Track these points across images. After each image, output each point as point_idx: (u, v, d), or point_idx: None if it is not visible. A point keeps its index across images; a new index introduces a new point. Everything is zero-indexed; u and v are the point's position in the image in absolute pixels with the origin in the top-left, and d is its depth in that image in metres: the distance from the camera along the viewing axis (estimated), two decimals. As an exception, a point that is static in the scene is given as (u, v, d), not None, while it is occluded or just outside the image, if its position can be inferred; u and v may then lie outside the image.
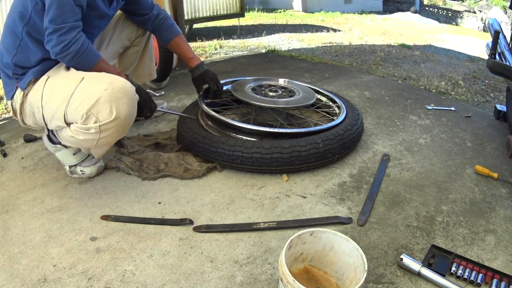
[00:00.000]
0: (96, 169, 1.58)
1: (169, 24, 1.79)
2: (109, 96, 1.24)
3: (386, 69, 3.61)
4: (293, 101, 1.82)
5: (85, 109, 1.25)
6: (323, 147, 1.56)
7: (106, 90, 1.24)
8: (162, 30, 1.78)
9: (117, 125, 1.28)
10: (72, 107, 1.27)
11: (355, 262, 0.97)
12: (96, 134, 1.28)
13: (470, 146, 1.95)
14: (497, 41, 1.77)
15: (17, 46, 1.34)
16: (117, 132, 1.32)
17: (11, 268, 1.12)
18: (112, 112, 1.24)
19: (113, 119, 1.25)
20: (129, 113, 1.29)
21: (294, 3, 9.38)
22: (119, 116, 1.26)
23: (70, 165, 1.57)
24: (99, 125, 1.26)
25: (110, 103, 1.24)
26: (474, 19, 10.96)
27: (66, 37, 1.25)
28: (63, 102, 1.28)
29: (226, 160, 1.56)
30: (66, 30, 1.24)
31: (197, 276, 1.11)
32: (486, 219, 1.39)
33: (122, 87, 1.27)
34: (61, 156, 1.55)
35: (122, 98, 1.26)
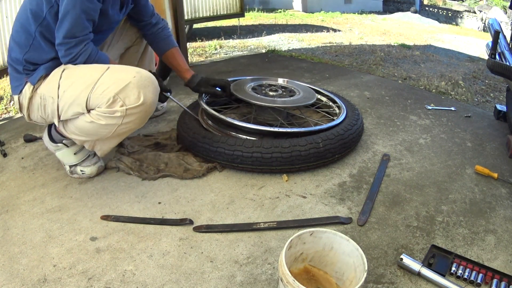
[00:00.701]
0: (96, 169, 1.58)
1: (166, 35, 1.80)
2: (137, 83, 1.30)
3: (386, 69, 3.62)
4: (293, 100, 1.82)
5: (112, 93, 1.29)
6: (323, 146, 1.56)
7: (135, 77, 1.30)
8: (159, 39, 1.79)
9: (142, 111, 1.33)
10: (97, 92, 1.30)
11: (355, 262, 0.97)
12: (120, 119, 1.32)
13: (470, 146, 1.95)
14: (497, 41, 1.77)
15: (30, 44, 1.36)
16: (140, 119, 1.36)
17: (11, 268, 1.12)
18: (140, 98, 1.30)
19: (140, 104, 1.30)
20: (153, 100, 1.36)
21: (294, 3, 9.38)
22: (146, 102, 1.32)
23: (70, 165, 1.57)
24: (125, 108, 1.30)
25: (138, 89, 1.30)
26: (474, 19, 10.96)
27: (73, 50, 1.32)
28: (87, 88, 1.31)
29: (226, 160, 1.56)
30: (74, 44, 1.31)
31: (197, 276, 1.11)
32: (486, 219, 1.39)
33: (149, 76, 1.35)
34: (62, 155, 1.55)
35: (149, 86, 1.33)
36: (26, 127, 2.09)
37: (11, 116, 2.36)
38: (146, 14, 1.73)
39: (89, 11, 1.30)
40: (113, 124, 1.34)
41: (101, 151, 1.50)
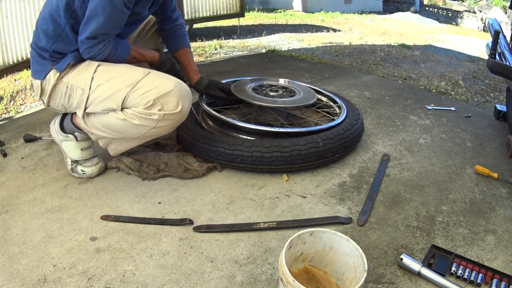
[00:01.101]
0: (97, 170, 1.58)
1: (182, 33, 1.81)
2: (178, 92, 1.35)
3: (386, 69, 3.62)
4: (293, 100, 1.82)
5: (153, 96, 1.32)
6: (323, 146, 1.57)
7: (176, 87, 1.36)
8: (174, 36, 1.79)
9: (177, 118, 1.38)
10: (137, 92, 1.33)
11: (355, 262, 0.97)
12: (155, 122, 1.35)
13: (470, 146, 1.95)
14: (497, 41, 1.77)
15: (58, 35, 1.36)
16: (171, 126, 1.41)
17: (11, 268, 1.12)
18: (178, 106, 1.35)
19: (178, 111, 1.35)
20: (188, 110, 1.41)
21: (294, 3, 9.39)
22: (182, 111, 1.37)
23: (72, 160, 1.56)
24: (163, 113, 1.34)
25: (178, 98, 1.35)
26: (474, 19, 10.97)
27: (93, 49, 1.35)
28: (126, 86, 1.34)
29: (226, 159, 1.56)
30: (94, 44, 1.34)
31: (197, 276, 1.11)
32: (486, 219, 1.39)
33: (187, 89, 1.41)
34: (68, 147, 1.54)
35: (187, 97, 1.39)
36: (26, 127, 2.09)
37: (11, 116, 2.36)
38: (168, 8, 1.74)
39: (116, 19, 1.32)
40: (146, 126, 1.36)
41: (115, 150, 1.52)
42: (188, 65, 1.82)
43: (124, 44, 1.46)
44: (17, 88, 2.85)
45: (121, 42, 1.44)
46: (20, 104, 2.57)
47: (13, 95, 2.70)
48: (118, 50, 1.41)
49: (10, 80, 3.09)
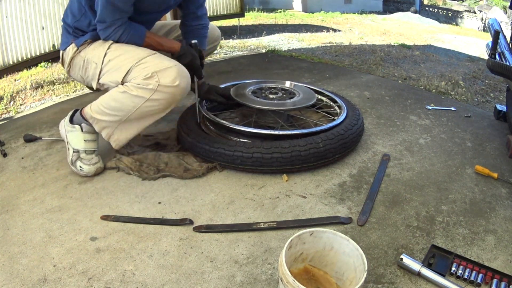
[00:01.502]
0: (94, 169, 1.58)
1: (203, 34, 1.83)
2: (177, 70, 1.43)
3: (386, 69, 3.61)
4: (293, 102, 1.82)
5: (152, 69, 1.42)
6: (323, 146, 1.57)
7: (176, 66, 1.44)
8: (194, 35, 1.79)
9: (172, 92, 1.43)
10: (140, 66, 1.44)
11: (355, 262, 0.97)
12: (150, 92, 1.42)
13: (470, 146, 1.95)
14: (497, 41, 1.77)
15: (82, 14, 1.52)
16: (166, 101, 1.45)
17: (11, 268, 1.12)
18: (175, 81, 1.42)
19: (174, 85, 1.42)
20: (185, 88, 1.46)
21: (294, 3, 9.38)
22: (178, 86, 1.43)
23: (74, 150, 1.57)
24: (159, 84, 1.41)
25: (176, 74, 1.42)
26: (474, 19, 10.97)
27: (105, 32, 1.48)
28: (132, 60, 1.46)
29: (226, 161, 1.56)
30: (104, 28, 1.47)
31: (197, 276, 1.11)
32: (486, 219, 1.39)
33: (186, 71, 1.47)
34: (72, 136, 1.57)
35: (185, 78, 1.46)
36: (26, 127, 2.09)
37: (11, 116, 2.36)
38: (194, 3, 1.76)
39: (117, 3, 1.39)
40: (141, 97, 1.43)
41: (117, 141, 1.56)
42: None
43: (139, 30, 1.53)
44: (17, 88, 2.85)
45: (136, 28, 1.53)
46: (20, 104, 2.57)
47: (13, 95, 2.70)
48: (130, 35, 1.51)
49: (10, 80, 3.09)
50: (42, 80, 3.03)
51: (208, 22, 1.86)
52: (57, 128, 2.07)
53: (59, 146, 1.88)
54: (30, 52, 3.42)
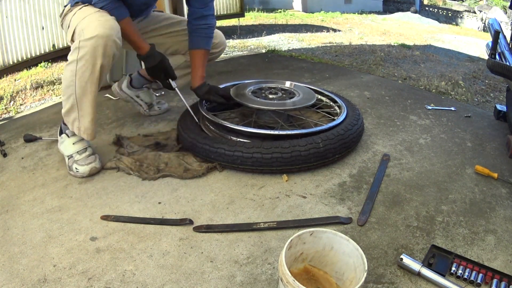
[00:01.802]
0: (88, 169, 1.57)
1: (208, 34, 1.81)
2: (99, 24, 1.41)
3: (386, 69, 3.62)
4: (293, 102, 1.82)
5: (82, 27, 1.43)
6: (323, 146, 1.57)
7: (100, 21, 1.41)
8: (197, 34, 1.79)
9: (92, 45, 1.39)
10: (79, 25, 1.46)
11: (355, 262, 0.97)
12: (76, 52, 1.42)
13: (470, 146, 1.95)
14: (497, 41, 1.77)
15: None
16: (90, 55, 1.41)
17: (11, 268, 1.12)
18: (93, 32, 1.39)
19: (92, 36, 1.39)
20: (104, 42, 1.40)
21: (294, 3, 9.39)
22: (97, 36, 1.38)
23: (68, 156, 1.61)
24: (80, 40, 1.40)
25: (97, 26, 1.40)
26: (474, 19, 10.97)
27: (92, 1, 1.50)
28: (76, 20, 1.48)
29: (226, 161, 1.56)
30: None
31: (197, 276, 1.11)
32: (486, 219, 1.39)
33: (111, 26, 1.43)
34: (63, 147, 1.62)
35: (106, 29, 1.41)
36: (26, 127, 2.09)
37: (11, 116, 2.37)
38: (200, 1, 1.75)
39: None
40: (73, 62, 1.43)
41: (86, 130, 1.56)
42: (197, 68, 1.82)
43: (118, 13, 1.52)
44: (17, 88, 2.85)
45: (119, 10, 1.53)
46: (20, 104, 2.58)
47: (13, 95, 2.70)
48: (109, 12, 1.49)
49: (10, 80, 3.09)
50: (42, 80, 3.03)
51: (215, 23, 1.84)
52: (57, 128, 2.08)
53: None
54: (30, 52, 3.42)
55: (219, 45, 1.98)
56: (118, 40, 1.46)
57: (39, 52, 3.49)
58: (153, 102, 2.18)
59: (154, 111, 2.20)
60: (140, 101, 2.12)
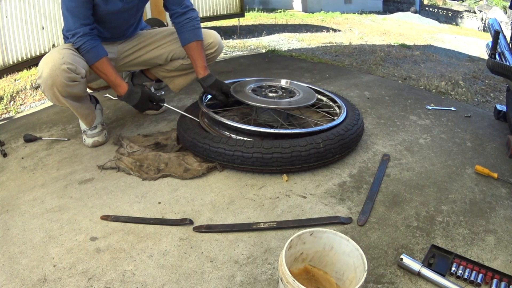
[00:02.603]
0: (91, 141, 1.83)
1: (192, 26, 1.83)
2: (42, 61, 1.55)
3: (386, 69, 3.61)
4: (293, 101, 1.82)
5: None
6: (323, 147, 1.57)
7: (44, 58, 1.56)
8: (183, 30, 1.83)
9: (41, 82, 1.55)
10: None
11: (355, 262, 0.97)
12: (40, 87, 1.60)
13: (470, 146, 1.95)
14: (497, 41, 1.77)
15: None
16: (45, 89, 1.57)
17: (11, 268, 1.12)
18: (40, 72, 1.55)
19: (38, 76, 1.56)
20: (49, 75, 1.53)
21: (294, 3, 9.38)
22: (41, 76, 1.54)
23: (82, 130, 1.88)
24: (36, 79, 1.61)
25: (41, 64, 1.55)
26: (474, 19, 10.97)
27: (72, 39, 1.60)
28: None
29: (226, 160, 1.56)
30: (71, 35, 1.59)
31: (197, 276, 1.11)
32: (486, 219, 1.39)
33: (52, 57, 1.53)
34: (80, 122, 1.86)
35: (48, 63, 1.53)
36: (26, 127, 2.09)
37: (11, 116, 2.36)
38: (172, 2, 1.80)
39: (71, 9, 1.53)
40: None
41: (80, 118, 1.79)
42: (196, 60, 1.85)
43: (96, 53, 1.62)
44: (17, 88, 2.85)
45: (96, 50, 1.62)
46: (20, 104, 2.57)
47: (13, 95, 2.70)
48: (87, 51, 1.60)
49: (10, 80, 3.09)
50: (42, 80, 3.02)
51: (196, 14, 1.86)
52: (56, 128, 2.08)
53: (59, 146, 1.88)
54: (30, 52, 3.42)
55: (213, 45, 1.99)
56: (65, 64, 1.53)
57: (39, 52, 3.49)
58: None
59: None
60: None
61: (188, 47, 1.84)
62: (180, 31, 1.84)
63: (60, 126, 2.09)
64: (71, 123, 2.12)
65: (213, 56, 2.03)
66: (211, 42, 1.97)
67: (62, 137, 1.96)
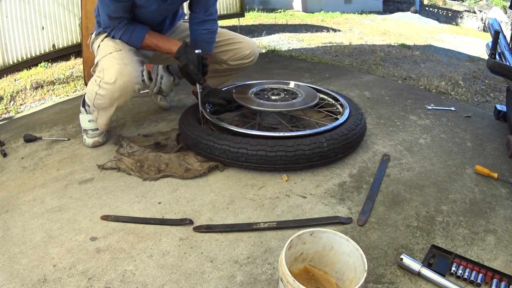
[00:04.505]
0: (92, 142, 1.83)
1: (209, 40, 1.81)
2: (119, 69, 1.56)
3: (386, 69, 3.61)
4: (296, 103, 1.82)
5: (103, 66, 1.60)
6: (327, 146, 1.57)
7: (119, 65, 1.57)
8: (200, 40, 1.79)
9: (110, 89, 1.58)
10: (101, 61, 1.63)
11: (355, 262, 0.97)
12: (97, 86, 1.62)
13: (470, 146, 1.95)
14: (497, 41, 1.77)
15: (98, 13, 1.69)
16: (108, 97, 1.61)
17: (11, 268, 1.12)
18: (112, 78, 1.56)
19: (111, 82, 1.57)
20: (122, 89, 1.58)
21: (294, 3, 9.38)
22: (115, 83, 1.56)
23: (83, 129, 1.86)
24: (101, 79, 1.59)
25: (116, 73, 1.56)
26: (474, 19, 10.96)
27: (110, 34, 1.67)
28: (102, 54, 1.64)
29: (230, 158, 1.56)
30: (109, 31, 1.66)
31: (197, 276, 1.11)
32: (486, 219, 1.39)
33: (130, 72, 1.58)
34: (81, 118, 1.85)
35: (125, 76, 1.57)
36: (26, 127, 2.09)
37: (11, 116, 2.37)
38: (199, 5, 1.76)
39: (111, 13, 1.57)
40: (93, 90, 1.64)
41: (100, 125, 1.80)
42: None
43: (138, 33, 1.65)
44: (17, 88, 2.85)
45: (137, 30, 1.65)
46: (20, 104, 2.57)
47: (13, 95, 2.70)
48: (129, 36, 1.64)
49: (10, 80, 3.09)
50: (42, 80, 3.03)
51: (216, 27, 1.82)
52: (56, 128, 2.08)
53: (59, 146, 1.88)
54: (30, 52, 3.42)
55: (250, 55, 1.97)
56: (137, 84, 1.62)
57: (39, 52, 3.49)
58: (165, 94, 2.23)
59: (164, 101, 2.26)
60: (158, 83, 2.19)
61: None
62: (195, 39, 1.80)
63: (60, 126, 2.09)
64: (71, 123, 2.12)
65: (248, 66, 2.03)
66: (248, 53, 1.96)
67: (62, 137, 1.96)
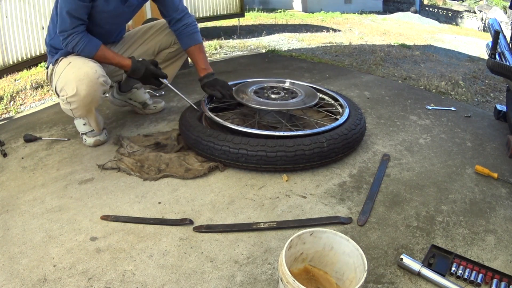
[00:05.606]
0: (93, 141, 1.84)
1: (191, 31, 1.92)
2: (75, 78, 1.59)
3: (386, 69, 3.61)
4: (295, 103, 1.82)
5: (61, 85, 1.63)
6: (327, 146, 1.57)
7: (73, 73, 1.60)
8: (183, 35, 1.92)
9: (78, 100, 1.63)
10: (58, 82, 1.66)
11: (355, 262, 0.97)
12: (67, 105, 1.66)
13: (470, 146, 1.95)
14: (497, 41, 1.77)
15: (55, 32, 1.66)
16: (82, 106, 1.66)
17: (11, 268, 1.12)
18: (74, 89, 1.60)
19: (74, 94, 1.61)
20: (88, 92, 1.61)
21: (294, 3, 9.38)
22: (79, 92, 1.60)
23: (81, 133, 1.86)
24: (66, 97, 1.63)
25: (74, 81, 1.59)
26: (474, 19, 10.96)
27: (66, 40, 1.63)
28: (57, 77, 1.67)
29: (230, 158, 1.56)
30: (65, 36, 1.61)
31: (197, 276, 1.11)
32: (486, 219, 1.39)
33: (85, 72, 1.59)
34: (77, 123, 1.84)
35: (83, 80, 1.59)
36: (26, 127, 2.09)
37: (11, 116, 2.36)
38: (169, 9, 1.86)
39: (72, 11, 1.54)
40: (66, 108, 1.69)
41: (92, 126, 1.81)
42: (196, 62, 1.93)
43: (92, 43, 1.66)
44: (17, 88, 2.85)
45: (91, 41, 1.66)
46: (20, 104, 2.57)
47: (13, 95, 2.70)
48: (84, 45, 1.63)
49: (10, 80, 3.09)
50: (42, 80, 3.03)
51: (192, 19, 1.92)
52: (56, 128, 2.08)
53: (59, 146, 1.88)
54: (30, 52, 3.42)
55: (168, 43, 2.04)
56: (102, 77, 1.62)
57: (39, 52, 3.48)
58: (147, 101, 2.22)
59: (149, 109, 2.24)
60: (133, 103, 2.19)
61: (188, 51, 1.93)
62: (179, 37, 1.93)
63: (60, 126, 2.09)
64: (71, 123, 2.12)
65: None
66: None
67: (62, 137, 1.96)
